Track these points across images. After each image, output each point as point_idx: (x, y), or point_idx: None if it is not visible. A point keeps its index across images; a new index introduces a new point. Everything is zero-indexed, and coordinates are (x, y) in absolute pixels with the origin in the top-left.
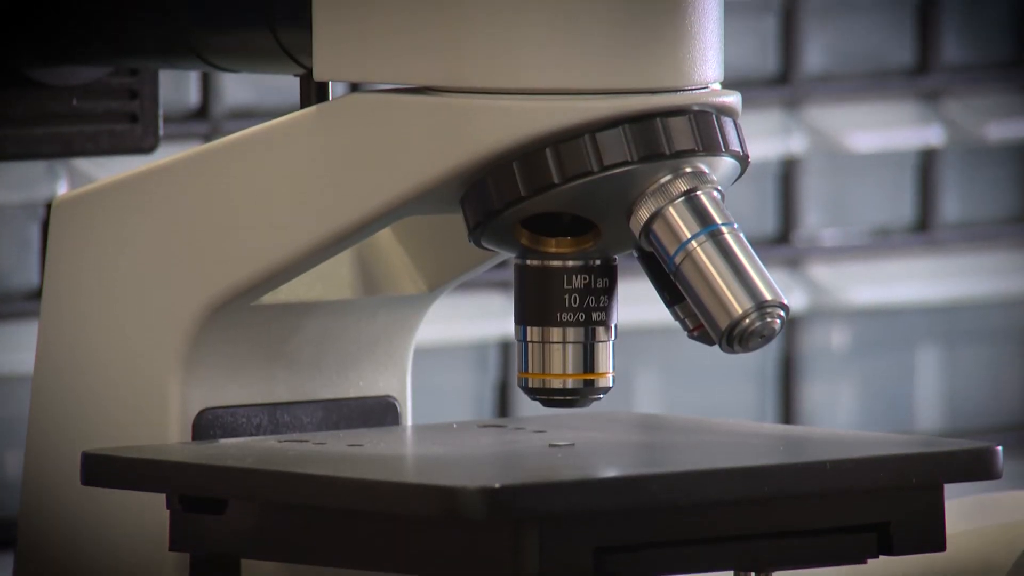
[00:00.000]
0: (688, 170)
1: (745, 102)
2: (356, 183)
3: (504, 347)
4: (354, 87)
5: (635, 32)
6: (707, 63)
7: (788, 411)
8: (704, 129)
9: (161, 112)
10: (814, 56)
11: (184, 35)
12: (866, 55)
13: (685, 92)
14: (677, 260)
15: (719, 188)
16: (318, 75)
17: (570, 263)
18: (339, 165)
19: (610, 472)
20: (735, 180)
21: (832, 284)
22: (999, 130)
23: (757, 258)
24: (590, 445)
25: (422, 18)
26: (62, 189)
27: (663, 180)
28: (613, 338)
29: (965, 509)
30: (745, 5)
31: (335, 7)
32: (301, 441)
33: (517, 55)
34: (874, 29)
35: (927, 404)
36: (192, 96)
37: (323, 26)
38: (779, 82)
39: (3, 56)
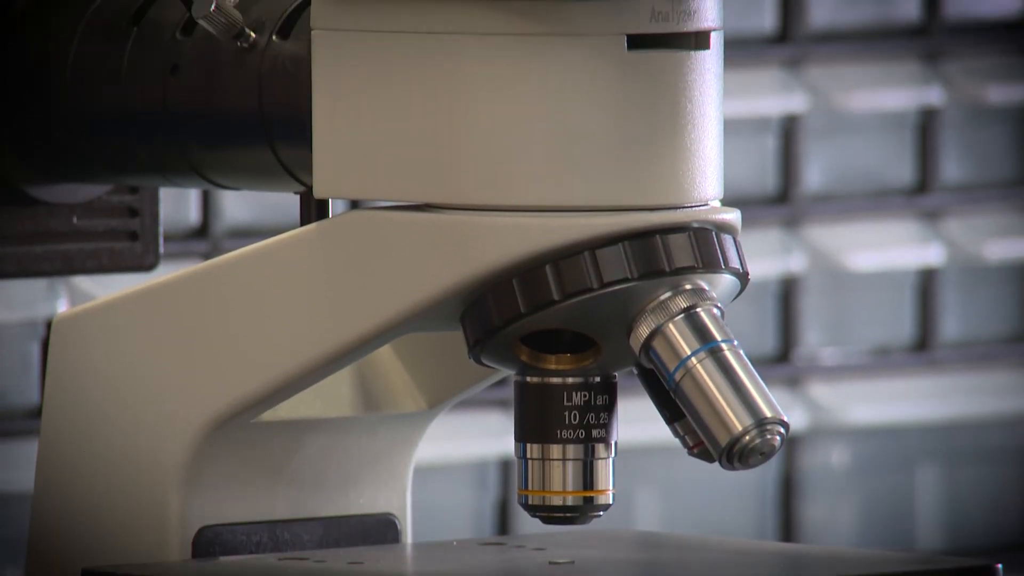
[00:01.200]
0: (688, 287)
1: (745, 221)
2: (356, 300)
3: (504, 465)
4: (354, 204)
5: (635, 149)
6: (707, 180)
7: (788, 529)
8: (704, 246)
9: (161, 230)
10: (814, 175)
11: (184, 153)
12: (866, 174)
13: (685, 209)
14: (677, 377)
15: (719, 305)
16: (318, 192)
17: (570, 380)
18: (339, 282)
19: None
20: (735, 297)
21: (832, 403)
22: (999, 249)
23: (757, 375)
24: (590, 563)
25: (422, 135)
26: (62, 307)
27: (663, 297)
28: (613, 455)
29: None
30: (745, 124)
31: (335, 125)
32: (301, 559)
33: (517, 172)
34: (874, 148)
35: (927, 522)
36: (192, 214)
37: (323, 144)
38: (779, 201)
39: (3, 174)
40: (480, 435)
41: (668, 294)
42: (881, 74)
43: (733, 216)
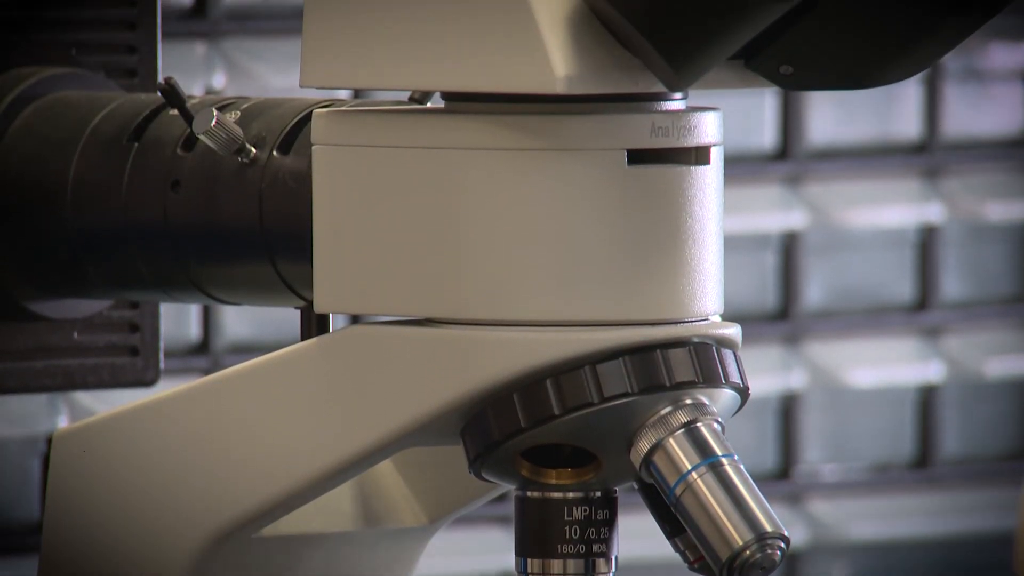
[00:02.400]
0: (688, 402)
1: (745, 338)
2: (357, 415)
3: None
4: (355, 319)
5: (635, 264)
6: (707, 295)
7: None
8: (704, 361)
9: (162, 345)
10: (814, 292)
11: (185, 268)
12: (866, 291)
13: (685, 324)
14: (677, 492)
15: (719, 420)
16: (318, 307)
17: (571, 494)
18: (340, 397)
19: None
20: (735, 412)
21: (832, 519)
22: (999, 366)
23: (757, 490)
24: None
25: (422, 250)
26: (63, 423)
27: (663, 412)
28: (613, 570)
29: None
30: (745, 240)
31: (335, 240)
32: None
33: (517, 287)
34: (873, 265)
35: None
36: (193, 330)
37: (323, 259)
38: (779, 317)
39: (4, 289)
40: (480, 552)
41: (668, 409)
42: (881, 191)
43: (733, 331)
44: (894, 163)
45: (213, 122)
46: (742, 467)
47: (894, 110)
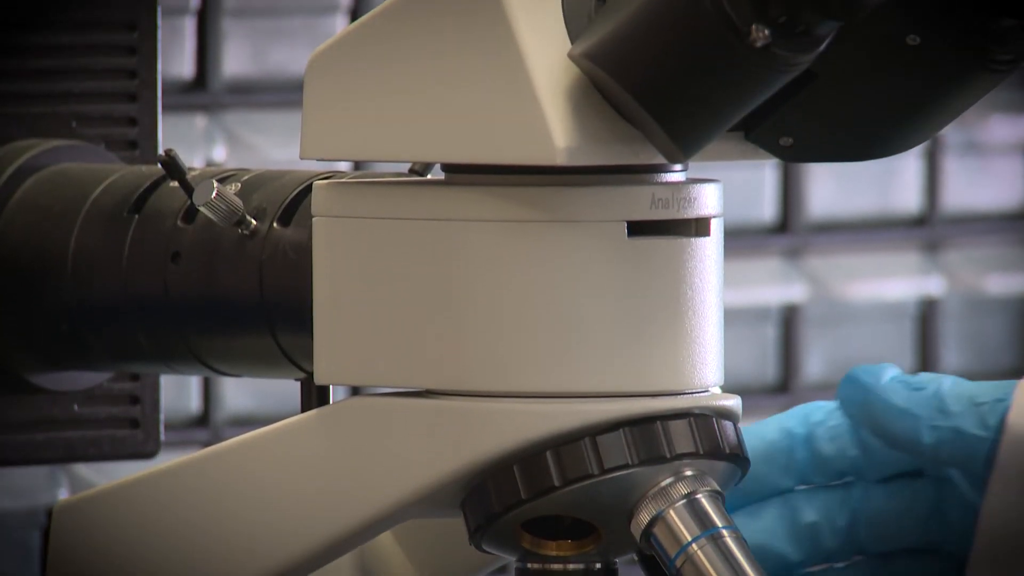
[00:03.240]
0: (689, 473)
1: (746, 410)
2: (357, 487)
3: None
4: (355, 391)
5: (635, 335)
6: (707, 366)
7: None
8: (704, 432)
9: (162, 417)
10: (814, 364)
11: (185, 340)
12: (866, 363)
13: (685, 395)
14: (678, 563)
15: (719, 491)
16: (319, 379)
17: (571, 566)
18: (340, 469)
19: None
20: (736, 483)
21: None
22: None
23: (756, 563)
24: None
25: (422, 322)
26: (63, 495)
27: (664, 483)
28: None
29: None
30: (745, 313)
31: (335, 311)
32: None
33: (517, 358)
34: (874, 338)
35: None
36: (193, 402)
37: (324, 330)
38: (779, 390)
39: (4, 361)
40: None
41: (669, 480)
42: (881, 264)
43: (734, 402)
44: (894, 236)
45: (213, 194)
46: (743, 538)
47: (894, 183)
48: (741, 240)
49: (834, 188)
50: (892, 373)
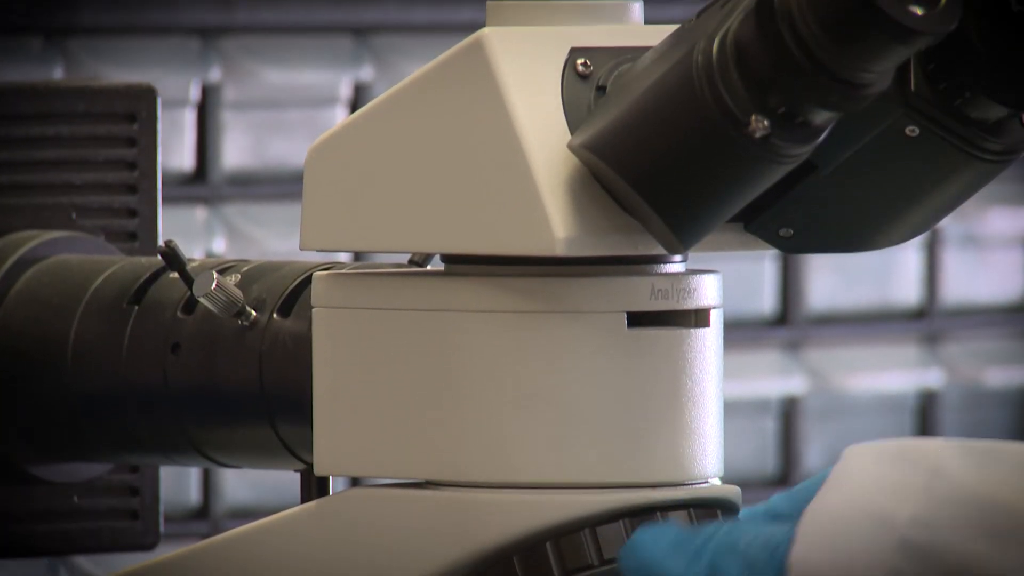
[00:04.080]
0: None
1: (746, 501)
2: None
3: None
4: (355, 482)
5: (635, 426)
6: (707, 457)
7: None
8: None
9: (162, 509)
10: (813, 457)
11: (185, 431)
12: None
13: (685, 486)
14: None
15: None
16: (319, 470)
17: None
18: (339, 560)
19: None
20: None
21: None
22: None
23: None
24: None
25: (422, 412)
26: None
27: None
28: None
29: None
30: (744, 405)
31: (335, 402)
32: None
33: (517, 449)
34: (873, 431)
35: None
36: (193, 494)
37: (323, 421)
38: (779, 483)
39: (4, 452)
40: None
41: None
42: (880, 357)
43: (733, 493)
44: (894, 329)
45: (213, 285)
46: None
47: (893, 276)
48: (741, 332)
49: (834, 280)
50: (672, 534)
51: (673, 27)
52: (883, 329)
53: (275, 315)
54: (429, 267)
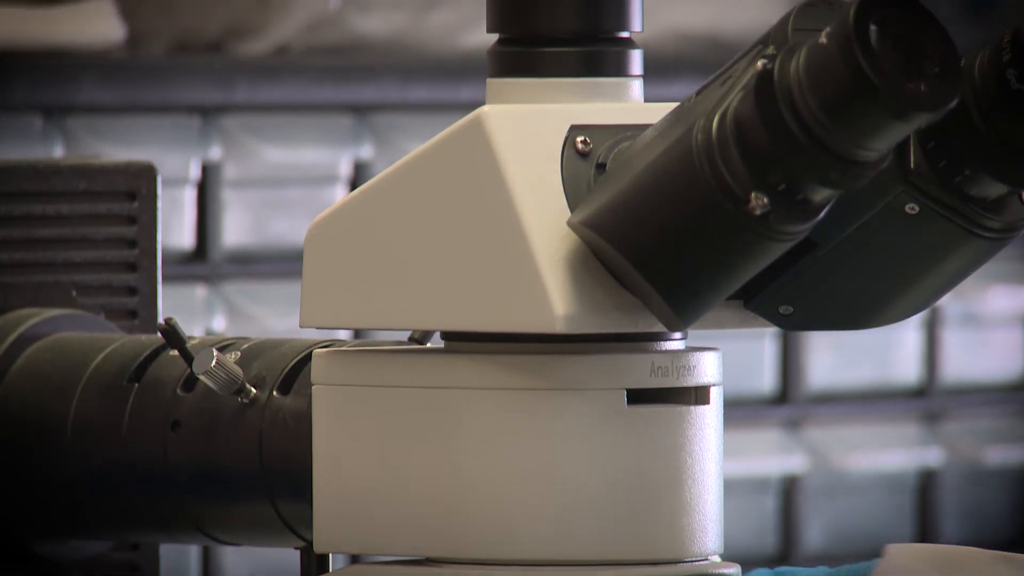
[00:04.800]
0: None
1: None
2: None
3: None
4: (354, 559)
5: (635, 503)
6: (707, 535)
7: None
8: None
9: None
10: (814, 535)
11: (185, 508)
12: (865, 535)
13: (685, 563)
14: None
15: None
16: (318, 547)
17: None
18: None
19: None
20: None
21: None
22: None
23: None
24: None
25: (422, 490)
26: None
27: None
28: None
29: None
30: (744, 484)
31: (335, 479)
32: None
33: (517, 527)
34: (873, 509)
35: None
36: (192, 572)
37: (323, 498)
38: (780, 561)
39: (6, 530)
40: None
41: None
42: (880, 435)
43: (733, 571)
44: (894, 407)
45: (213, 362)
46: None
47: (893, 354)
48: (741, 410)
49: (833, 359)
50: None
51: (673, 105)
52: (883, 407)
53: (275, 392)
54: (429, 344)
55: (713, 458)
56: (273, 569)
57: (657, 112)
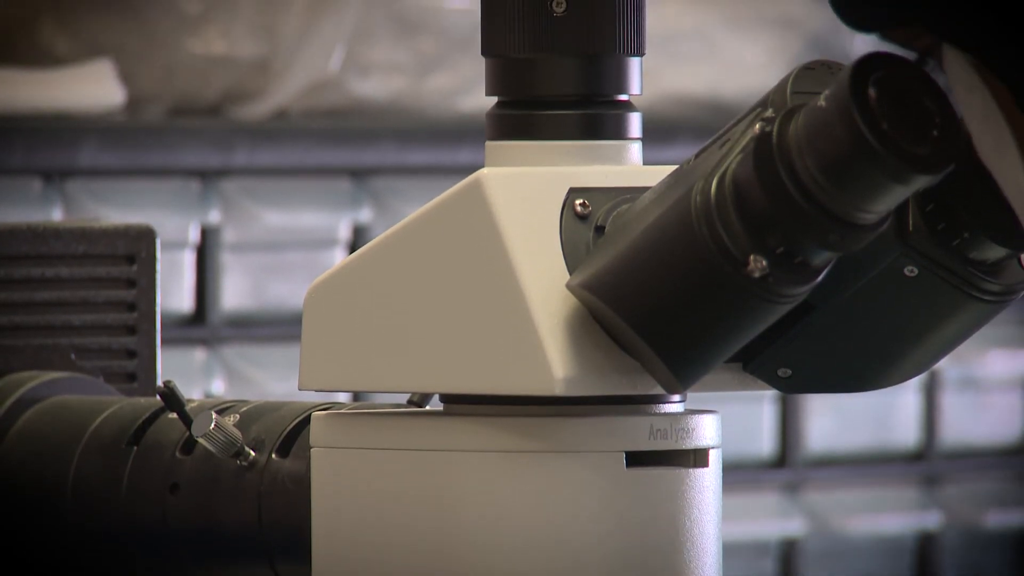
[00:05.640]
0: None
1: None
2: None
3: None
4: None
5: (633, 566)
6: None
7: None
8: None
9: None
10: None
11: (184, 571)
12: None
13: None
14: None
15: None
16: None
17: None
18: None
19: None
20: None
21: None
22: None
23: None
24: None
25: (422, 552)
26: None
27: None
28: None
29: None
30: (743, 548)
31: (334, 541)
32: None
33: None
34: (873, 573)
35: None
36: None
37: (322, 562)
38: None
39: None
40: None
41: None
42: (879, 499)
43: None
44: (893, 471)
45: (212, 425)
46: None
47: (892, 418)
48: (740, 474)
49: (832, 423)
50: None
51: (672, 167)
52: (882, 471)
53: (274, 455)
54: (428, 407)
55: (712, 521)
56: None
57: (656, 175)
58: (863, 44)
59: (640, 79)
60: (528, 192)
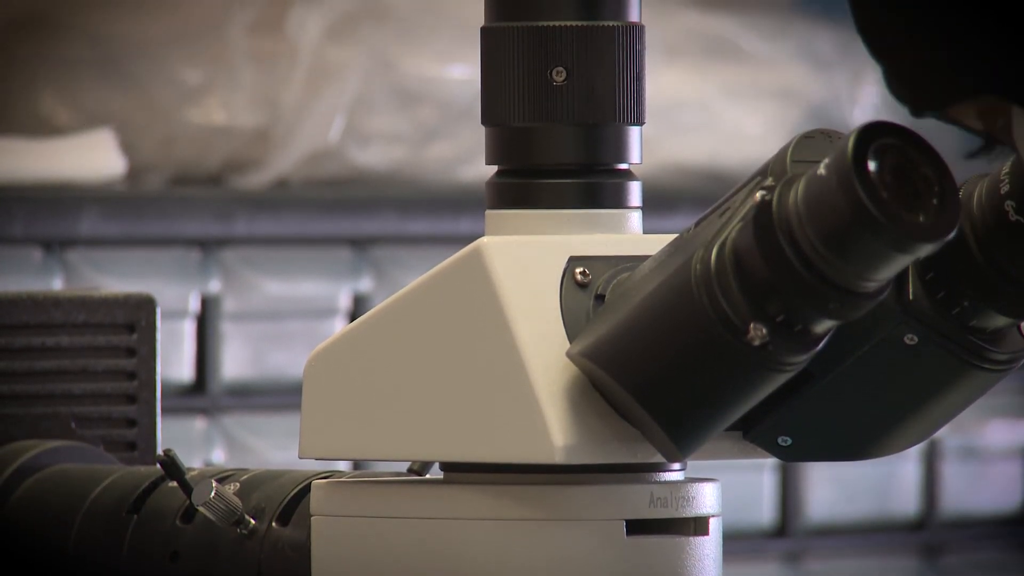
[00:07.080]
0: None
1: None
2: None
3: None
4: None
5: None
6: None
7: None
8: None
9: None
10: None
11: None
12: None
13: None
14: None
15: None
16: None
17: None
18: None
19: None
20: None
21: None
22: None
23: None
24: None
25: None
26: None
27: None
28: None
29: None
30: None
31: None
32: None
33: None
34: None
35: None
36: None
37: None
38: None
39: None
40: None
41: None
42: (880, 568)
43: None
44: (893, 540)
45: (212, 494)
46: None
47: (893, 487)
48: (740, 543)
49: (833, 492)
50: None
51: (672, 236)
52: (882, 540)
53: (274, 523)
54: (428, 475)
55: None
56: None
57: (656, 243)
58: (862, 114)
59: (640, 148)
60: (528, 260)
